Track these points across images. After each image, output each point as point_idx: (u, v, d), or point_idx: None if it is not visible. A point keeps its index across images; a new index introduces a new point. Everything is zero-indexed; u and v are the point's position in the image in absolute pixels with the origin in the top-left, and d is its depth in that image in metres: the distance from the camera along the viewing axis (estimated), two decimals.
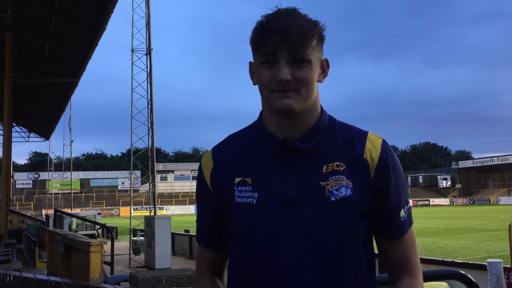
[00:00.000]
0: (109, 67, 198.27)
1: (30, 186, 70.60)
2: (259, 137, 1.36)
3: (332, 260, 1.26)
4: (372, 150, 1.32)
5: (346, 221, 1.27)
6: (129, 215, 16.60)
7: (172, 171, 77.00)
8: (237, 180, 1.34)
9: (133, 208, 21.11)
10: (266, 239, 1.28)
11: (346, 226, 1.27)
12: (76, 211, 39.54)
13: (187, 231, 18.10)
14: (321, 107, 1.38)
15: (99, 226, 21.05)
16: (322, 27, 1.30)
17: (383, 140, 1.35)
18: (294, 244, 1.26)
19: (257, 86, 1.35)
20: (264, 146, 1.34)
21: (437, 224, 28.68)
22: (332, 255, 1.26)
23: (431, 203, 70.88)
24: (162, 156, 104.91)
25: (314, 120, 1.34)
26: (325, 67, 1.35)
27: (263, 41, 1.26)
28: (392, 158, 1.33)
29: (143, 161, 17.39)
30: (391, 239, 1.35)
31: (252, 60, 1.35)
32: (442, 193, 79.88)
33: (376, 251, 1.40)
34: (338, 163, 1.30)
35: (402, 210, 1.35)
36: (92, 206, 60.56)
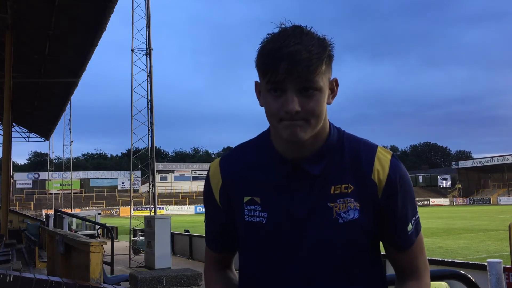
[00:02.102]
0: (109, 67, 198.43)
1: (30, 186, 70.58)
2: (268, 156, 1.35)
3: (340, 279, 1.29)
4: (380, 170, 1.30)
5: (354, 242, 1.29)
6: (129, 215, 16.59)
7: (172, 171, 76.97)
8: (246, 199, 1.35)
9: (133, 208, 21.11)
10: (275, 258, 1.31)
11: (354, 247, 1.29)
12: (76, 211, 39.51)
13: (187, 231, 18.09)
14: (329, 123, 1.34)
15: (99, 226, 21.05)
16: (331, 46, 1.25)
17: (392, 157, 1.33)
18: (303, 264, 1.28)
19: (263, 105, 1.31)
20: (272, 166, 1.34)
21: (437, 224, 28.66)
22: (340, 274, 1.29)
23: (431, 203, 70.85)
24: (162, 156, 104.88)
25: (323, 140, 1.32)
26: (334, 87, 1.30)
27: (271, 69, 1.20)
28: (401, 176, 1.31)
29: (143, 161, 17.38)
30: (398, 250, 1.37)
31: (258, 80, 1.31)
32: (442, 193, 79.87)
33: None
34: (346, 185, 1.30)
35: (410, 224, 1.35)
36: (92, 206, 60.55)
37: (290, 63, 1.17)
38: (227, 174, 1.39)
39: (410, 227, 1.34)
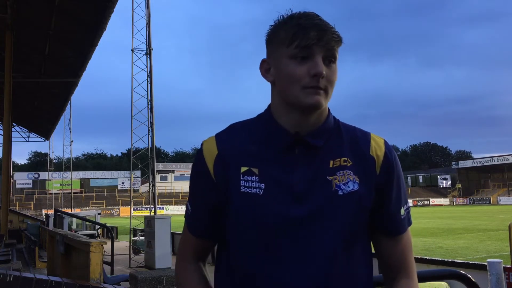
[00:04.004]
0: (109, 67, 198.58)
1: (30, 186, 70.57)
2: (269, 129, 1.35)
3: (337, 255, 1.27)
4: (377, 148, 1.35)
5: (353, 215, 1.28)
6: (129, 215, 16.60)
7: (172, 171, 76.98)
8: (243, 169, 1.31)
9: (133, 208, 21.11)
10: (271, 231, 1.27)
11: (352, 220, 1.28)
12: (76, 211, 39.52)
13: None
14: (328, 108, 1.41)
15: (99, 226, 21.04)
16: None
17: (385, 140, 1.39)
18: (301, 237, 1.26)
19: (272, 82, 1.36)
20: (273, 138, 1.33)
21: (437, 224, 28.67)
22: (338, 249, 1.27)
23: (431, 203, 70.85)
24: (162, 156, 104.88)
25: (324, 119, 1.36)
26: None
27: (300, 35, 1.26)
28: (395, 157, 1.37)
29: (143, 161, 17.38)
30: (390, 236, 1.37)
31: (264, 59, 1.37)
32: (442, 193, 79.85)
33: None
34: (345, 158, 1.32)
35: (402, 208, 1.37)
36: (92, 206, 60.55)
37: (319, 30, 1.26)
38: (224, 145, 1.35)
39: (403, 211, 1.37)
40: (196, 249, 1.43)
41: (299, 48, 1.25)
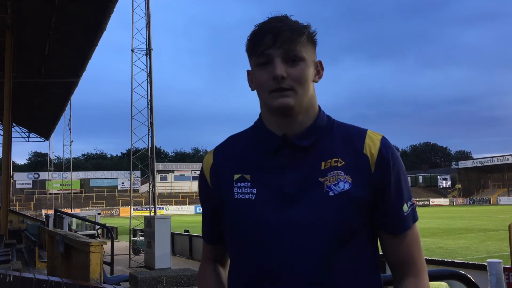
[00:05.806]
0: (109, 67, 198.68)
1: (30, 186, 70.59)
2: (258, 136, 1.39)
3: (332, 255, 1.26)
4: (372, 145, 1.32)
5: (346, 215, 1.27)
6: (129, 215, 16.60)
7: (172, 171, 76.98)
8: (236, 176, 1.36)
9: (133, 208, 21.11)
10: (265, 234, 1.28)
11: (345, 220, 1.27)
12: (76, 211, 39.50)
13: (187, 231, 18.09)
14: (319, 107, 1.40)
15: (99, 226, 21.04)
16: (312, 31, 1.35)
17: (383, 137, 1.36)
18: (294, 240, 1.26)
19: (255, 90, 1.39)
20: (262, 143, 1.37)
21: (437, 224, 28.68)
22: (332, 249, 1.26)
23: (431, 203, 70.84)
24: (162, 156, 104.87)
25: (312, 119, 1.36)
26: (319, 68, 1.39)
27: (257, 43, 1.30)
28: (392, 153, 1.33)
29: (143, 161, 17.38)
30: (394, 234, 1.34)
31: (249, 68, 1.40)
32: (442, 193, 79.87)
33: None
34: (336, 159, 1.31)
35: (405, 204, 1.34)
36: (92, 206, 60.55)
37: (274, 34, 1.28)
38: (219, 155, 1.43)
39: (406, 208, 1.33)
40: (211, 254, 1.54)
41: (258, 55, 1.31)
